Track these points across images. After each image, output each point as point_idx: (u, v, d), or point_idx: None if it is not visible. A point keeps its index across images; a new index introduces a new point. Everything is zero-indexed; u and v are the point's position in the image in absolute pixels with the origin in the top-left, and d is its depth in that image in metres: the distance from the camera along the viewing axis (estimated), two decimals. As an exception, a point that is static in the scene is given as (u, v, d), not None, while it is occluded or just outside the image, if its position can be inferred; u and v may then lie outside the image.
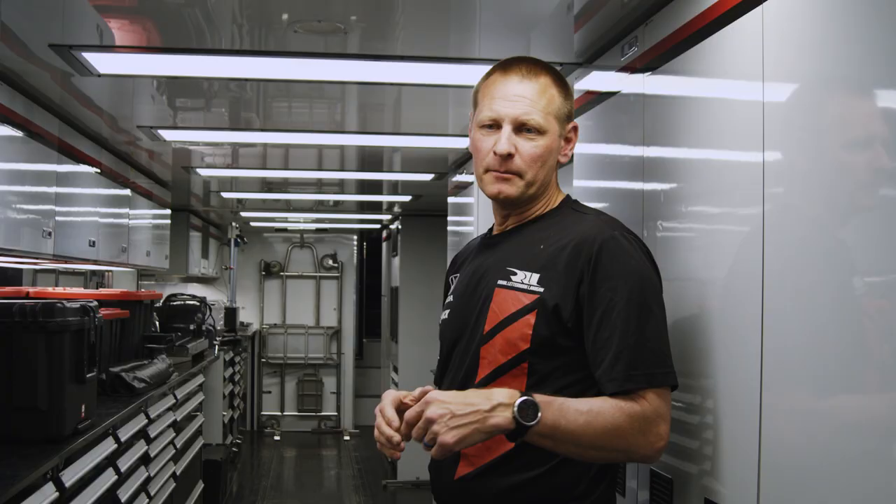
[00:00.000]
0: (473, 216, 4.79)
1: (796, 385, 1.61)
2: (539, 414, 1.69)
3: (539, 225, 1.99)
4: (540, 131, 1.92)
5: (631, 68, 2.46)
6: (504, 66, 1.98)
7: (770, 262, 1.69)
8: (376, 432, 1.82)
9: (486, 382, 1.88)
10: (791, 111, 1.66)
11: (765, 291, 1.70)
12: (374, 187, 7.20)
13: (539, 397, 1.71)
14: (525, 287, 1.88)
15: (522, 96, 1.92)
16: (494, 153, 1.92)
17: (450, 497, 1.96)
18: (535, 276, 1.88)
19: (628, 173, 2.48)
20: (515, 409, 1.69)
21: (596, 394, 1.81)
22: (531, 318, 1.85)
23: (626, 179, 2.51)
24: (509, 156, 1.91)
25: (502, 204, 2.01)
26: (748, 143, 1.77)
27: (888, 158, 1.37)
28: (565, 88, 1.99)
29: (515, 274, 1.90)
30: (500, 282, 1.92)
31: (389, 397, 1.83)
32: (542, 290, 1.86)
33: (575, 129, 2.02)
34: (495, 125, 1.94)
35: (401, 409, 1.80)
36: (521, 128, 1.92)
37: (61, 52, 2.98)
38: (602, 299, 1.81)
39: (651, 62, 2.32)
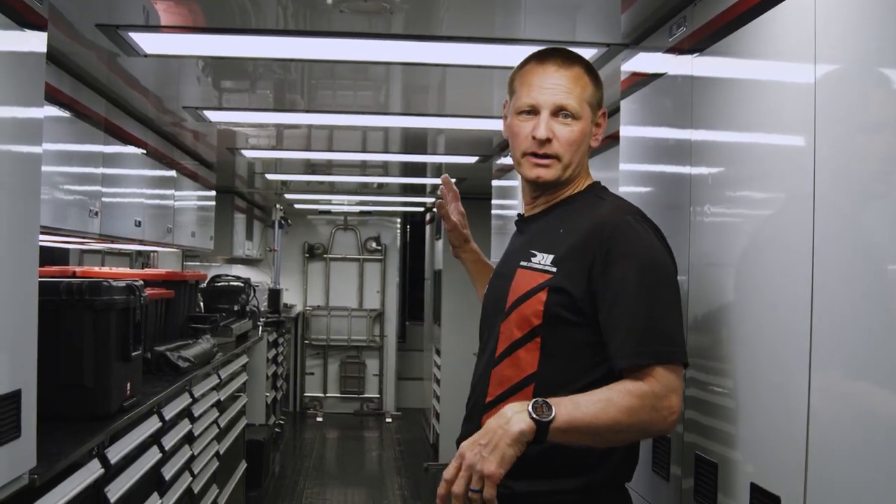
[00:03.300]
0: (517, 199, 4.76)
1: (846, 369, 1.58)
2: (553, 409, 1.81)
3: (563, 209, 2.12)
4: (575, 117, 2.07)
5: (679, 49, 2.42)
6: (540, 56, 2.13)
7: (821, 245, 1.65)
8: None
9: (504, 356, 2.03)
10: (844, 93, 1.62)
11: (814, 275, 1.66)
12: (418, 170, 7.18)
13: (550, 399, 1.84)
14: (541, 267, 2.01)
15: (559, 85, 2.07)
16: (533, 138, 2.07)
17: None
18: (551, 258, 2.01)
19: (675, 157, 2.44)
20: (530, 408, 1.80)
21: (603, 371, 1.93)
22: (543, 296, 1.98)
23: (672, 163, 2.47)
24: (548, 140, 2.06)
25: (541, 187, 2.15)
26: (799, 127, 1.73)
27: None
28: (596, 78, 2.14)
29: (535, 255, 2.04)
30: (521, 263, 2.06)
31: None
32: (555, 270, 1.99)
33: (604, 114, 2.17)
34: (533, 111, 2.08)
35: None
36: (557, 113, 2.07)
37: (108, 32, 3.00)
38: (613, 281, 1.92)
39: (699, 43, 2.28)
